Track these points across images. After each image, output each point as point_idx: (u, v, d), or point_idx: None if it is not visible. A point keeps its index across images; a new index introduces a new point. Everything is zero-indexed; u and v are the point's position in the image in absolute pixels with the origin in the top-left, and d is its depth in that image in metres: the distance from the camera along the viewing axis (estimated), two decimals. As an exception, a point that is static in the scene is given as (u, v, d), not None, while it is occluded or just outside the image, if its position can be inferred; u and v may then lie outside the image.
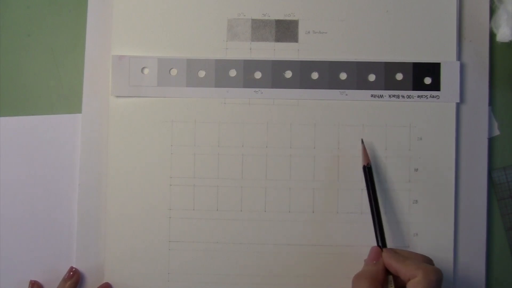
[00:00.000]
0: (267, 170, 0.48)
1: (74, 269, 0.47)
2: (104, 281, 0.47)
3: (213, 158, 0.48)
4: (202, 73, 0.48)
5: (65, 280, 0.47)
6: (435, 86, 0.48)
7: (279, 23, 0.49)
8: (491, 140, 0.49)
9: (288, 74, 0.48)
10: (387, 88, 0.48)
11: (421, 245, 0.47)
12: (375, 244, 0.44)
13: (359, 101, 0.48)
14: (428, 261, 0.42)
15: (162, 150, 0.48)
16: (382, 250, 0.43)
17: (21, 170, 0.48)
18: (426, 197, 0.48)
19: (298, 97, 0.48)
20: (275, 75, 0.48)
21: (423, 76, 0.48)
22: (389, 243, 0.47)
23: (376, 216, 0.45)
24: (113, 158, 0.48)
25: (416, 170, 0.48)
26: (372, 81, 0.48)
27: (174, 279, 0.47)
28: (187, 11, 0.49)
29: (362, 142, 0.47)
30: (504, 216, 0.48)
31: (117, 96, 0.48)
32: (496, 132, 0.49)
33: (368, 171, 0.46)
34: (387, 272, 0.42)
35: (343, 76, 0.48)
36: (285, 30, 0.49)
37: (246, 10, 0.49)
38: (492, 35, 0.49)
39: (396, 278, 0.42)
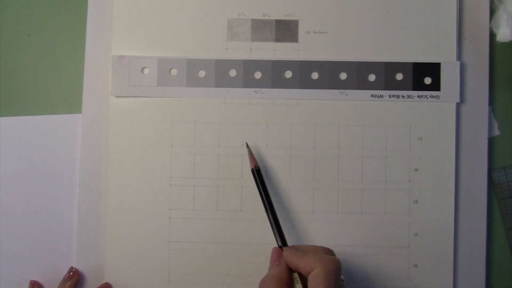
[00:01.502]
0: (267, 170, 0.48)
1: (74, 269, 0.47)
2: (104, 281, 0.47)
3: (213, 158, 0.48)
4: (202, 73, 0.48)
5: (65, 280, 0.47)
6: (435, 86, 0.48)
7: (279, 23, 0.49)
8: (491, 140, 0.49)
9: (288, 74, 0.48)
10: (387, 88, 0.48)
11: (421, 245, 0.47)
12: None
13: (359, 101, 0.48)
14: (328, 252, 0.42)
15: (162, 150, 0.48)
16: (282, 250, 0.43)
17: (21, 170, 0.48)
18: (426, 197, 0.48)
19: (298, 97, 0.48)
20: (275, 75, 0.48)
21: (423, 76, 0.48)
22: (389, 243, 0.47)
23: (272, 216, 0.44)
24: (113, 158, 0.48)
25: (416, 170, 0.48)
26: (372, 81, 0.48)
27: (174, 279, 0.47)
28: (187, 11, 0.49)
29: (247, 146, 0.47)
30: (504, 216, 0.48)
31: (117, 96, 0.48)
32: (496, 132, 0.49)
33: (256, 173, 0.46)
34: (291, 270, 0.41)
35: (343, 76, 0.48)
36: (285, 30, 0.49)
37: (246, 10, 0.49)
38: (492, 35, 0.49)
39: (302, 274, 0.41)
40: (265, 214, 0.48)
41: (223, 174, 0.48)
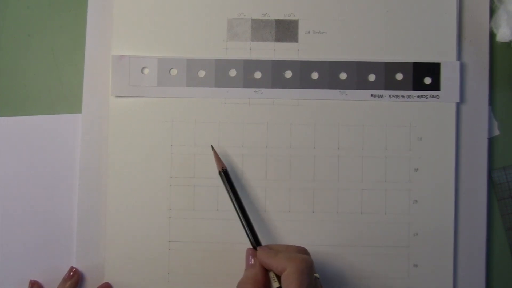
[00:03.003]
0: (267, 170, 0.48)
1: (74, 269, 0.47)
2: (104, 281, 0.47)
3: (213, 158, 0.48)
4: (202, 73, 0.48)
5: (65, 280, 0.47)
6: (435, 86, 0.48)
7: (279, 23, 0.49)
8: (491, 140, 0.49)
9: (288, 74, 0.48)
10: (387, 88, 0.48)
11: (421, 245, 0.47)
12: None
13: (359, 101, 0.48)
14: (302, 251, 0.42)
15: (162, 150, 0.48)
16: (256, 250, 0.43)
17: (21, 170, 0.48)
18: (426, 197, 0.48)
19: (298, 97, 0.48)
20: (275, 75, 0.48)
21: (423, 76, 0.48)
22: (389, 243, 0.47)
23: (244, 218, 0.44)
24: (113, 158, 0.48)
25: (416, 170, 0.48)
26: (372, 81, 0.48)
27: (174, 279, 0.47)
28: (187, 11, 0.49)
29: (213, 148, 0.47)
30: (504, 216, 0.48)
31: (117, 96, 0.48)
32: (496, 132, 0.49)
33: (224, 175, 0.45)
34: (267, 270, 0.41)
35: (343, 76, 0.48)
36: (285, 30, 0.49)
37: (246, 10, 0.49)
38: (492, 35, 0.49)
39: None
40: (265, 214, 0.48)
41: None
